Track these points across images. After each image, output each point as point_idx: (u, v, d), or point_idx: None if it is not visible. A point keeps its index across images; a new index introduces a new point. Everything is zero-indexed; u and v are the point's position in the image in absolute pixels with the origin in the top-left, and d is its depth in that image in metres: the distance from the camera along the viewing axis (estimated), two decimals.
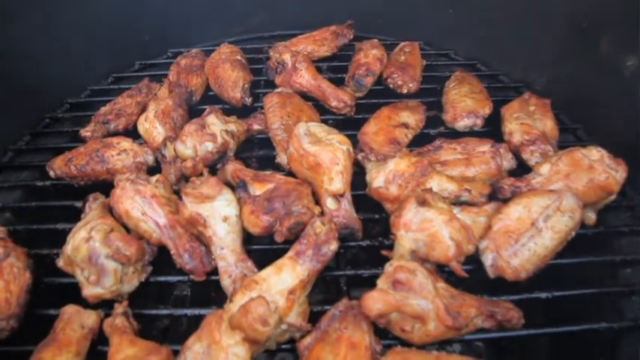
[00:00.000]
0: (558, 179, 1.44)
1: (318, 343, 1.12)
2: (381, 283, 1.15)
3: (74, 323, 1.20)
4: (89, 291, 1.25)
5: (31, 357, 1.12)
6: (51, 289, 1.39)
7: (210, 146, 1.56)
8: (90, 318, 1.23)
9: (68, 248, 1.30)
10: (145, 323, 1.31)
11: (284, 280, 1.17)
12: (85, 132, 1.82)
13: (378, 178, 1.46)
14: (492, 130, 1.81)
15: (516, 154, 1.65)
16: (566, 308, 1.34)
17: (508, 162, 1.61)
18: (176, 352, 1.11)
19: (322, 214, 1.39)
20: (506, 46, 2.18)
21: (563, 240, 1.32)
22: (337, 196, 1.41)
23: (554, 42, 2.00)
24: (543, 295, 1.31)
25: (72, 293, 1.30)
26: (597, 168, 1.41)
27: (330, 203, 1.41)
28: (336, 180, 1.39)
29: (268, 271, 1.19)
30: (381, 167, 1.48)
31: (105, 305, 1.29)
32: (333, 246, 1.23)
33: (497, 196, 1.46)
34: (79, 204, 1.54)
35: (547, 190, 1.39)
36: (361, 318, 1.14)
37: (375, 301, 1.10)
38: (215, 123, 1.61)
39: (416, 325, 1.13)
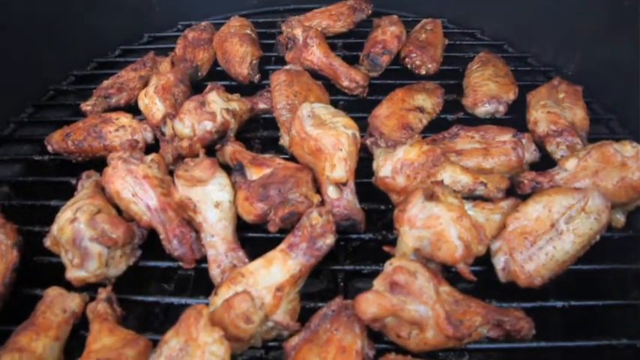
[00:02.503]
0: (585, 176, 1.31)
1: (306, 344, 1.04)
2: (377, 284, 1.06)
3: (56, 307, 1.15)
4: (72, 274, 1.20)
5: (8, 340, 1.08)
6: (40, 268, 1.35)
7: (209, 125, 1.48)
8: (73, 301, 1.18)
9: (54, 228, 1.24)
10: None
11: (273, 274, 1.09)
12: (86, 106, 1.75)
13: (385, 167, 1.35)
14: (516, 117, 1.68)
15: (540, 145, 1.52)
16: (583, 320, 1.23)
17: (530, 154, 1.48)
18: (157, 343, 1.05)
19: (323, 203, 1.30)
20: (537, 25, 2.02)
21: (586, 244, 1.20)
22: (339, 185, 1.31)
23: (590, 22, 1.83)
24: (559, 304, 1.20)
25: (61, 273, 1.25)
26: (631, 165, 1.27)
27: (331, 192, 1.31)
28: (338, 167, 1.29)
29: (257, 263, 1.11)
30: (390, 155, 1.37)
31: (92, 288, 1.24)
32: (330, 240, 1.14)
33: (516, 192, 1.35)
34: (74, 181, 1.49)
35: (572, 188, 1.27)
36: (354, 320, 1.05)
37: (370, 304, 1.00)
38: (216, 101, 1.52)
39: (413, 331, 1.03)
